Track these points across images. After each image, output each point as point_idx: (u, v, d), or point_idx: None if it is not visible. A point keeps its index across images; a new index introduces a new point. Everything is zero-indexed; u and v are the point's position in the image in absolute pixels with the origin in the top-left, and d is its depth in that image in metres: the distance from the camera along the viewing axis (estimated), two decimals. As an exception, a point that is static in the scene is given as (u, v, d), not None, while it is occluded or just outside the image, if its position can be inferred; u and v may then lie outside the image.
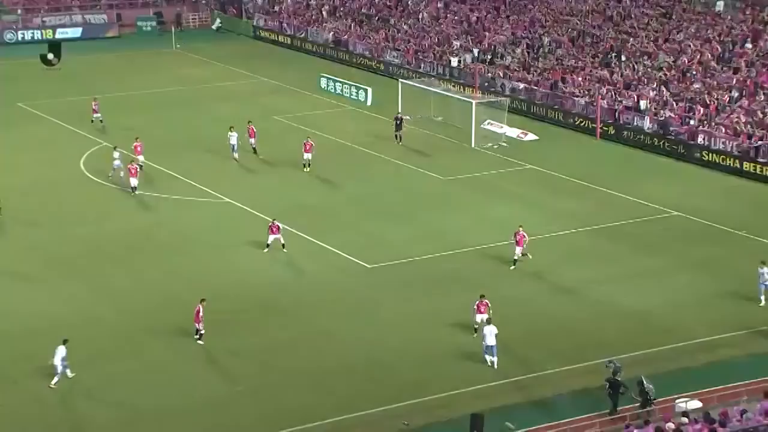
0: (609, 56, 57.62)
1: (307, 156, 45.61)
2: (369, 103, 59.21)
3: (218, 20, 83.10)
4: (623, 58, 56.99)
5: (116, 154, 45.09)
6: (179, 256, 36.93)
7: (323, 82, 62.40)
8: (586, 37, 60.78)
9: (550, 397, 27.75)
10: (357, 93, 60.10)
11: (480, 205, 42.55)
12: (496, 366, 28.97)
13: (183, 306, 31.77)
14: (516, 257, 35.40)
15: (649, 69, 54.99)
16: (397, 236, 38.81)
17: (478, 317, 30.72)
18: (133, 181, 42.68)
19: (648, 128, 51.36)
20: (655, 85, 53.39)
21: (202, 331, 30.29)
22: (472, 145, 50.88)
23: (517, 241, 35.42)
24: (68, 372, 28.25)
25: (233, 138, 47.33)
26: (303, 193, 43.10)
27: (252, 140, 48.28)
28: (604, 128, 52.79)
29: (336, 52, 71.39)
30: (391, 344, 30.65)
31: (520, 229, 35.66)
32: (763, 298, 32.41)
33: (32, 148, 50.26)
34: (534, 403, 27.28)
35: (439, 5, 71.53)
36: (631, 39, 58.31)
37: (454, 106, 54.07)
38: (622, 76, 55.31)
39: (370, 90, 59.56)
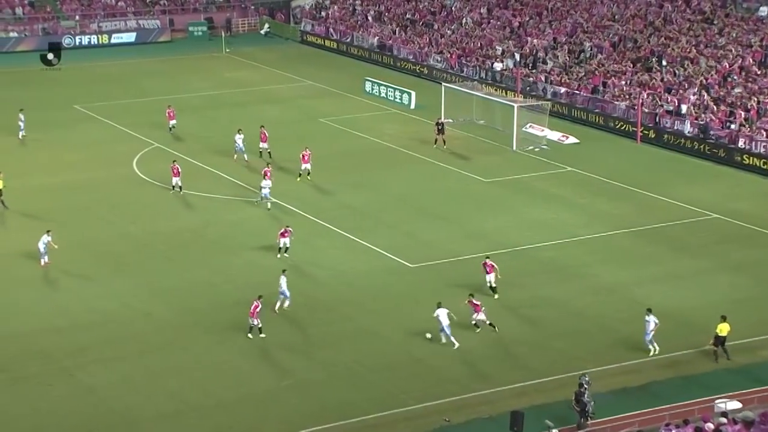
0: (650, 61, 57.10)
1: (306, 166, 44.25)
2: (412, 106, 59.18)
3: (267, 25, 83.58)
4: (664, 62, 56.44)
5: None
6: (227, 254, 37.18)
7: (368, 86, 62.50)
8: (628, 42, 60.30)
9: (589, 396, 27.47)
10: (401, 96, 60.10)
11: (521, 206, 42.37)
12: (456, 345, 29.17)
13: (231, 303, 32.02)
14: (491, 284, 33.31)
15: (690, 73, 54.36)
16: (439, 237, 38.75)
17: (481, 315, 30.58)
18: (175, 180, 42.93)
19: (689, 132, 50.81)
20: (696, 90, 52.79)
21: (260, 325, 30.28)
22: (514, 148, 50.66)
23: (487, 271, 33.41)
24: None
25: (239, 140, 47.05)
26: (347, 193, 43.18)
27: (263, 144, 47.62)
28: (645, 132, 52.31)
29: (381, 57, 71.44)
30: (432, 342, 30.54)
31: (488, 259, 33.75)
32: (651, 347, 29.53)
33: (87, 148, 50.90)
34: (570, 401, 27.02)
35: (481, 11, 71.33)
36: (673, 44, 57.74)
37: (496, 109, 53.88)
38: (663, 80, 54.78)
39: (413, 93, 59.53)
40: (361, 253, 37.06)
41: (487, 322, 30.83)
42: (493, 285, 33.35)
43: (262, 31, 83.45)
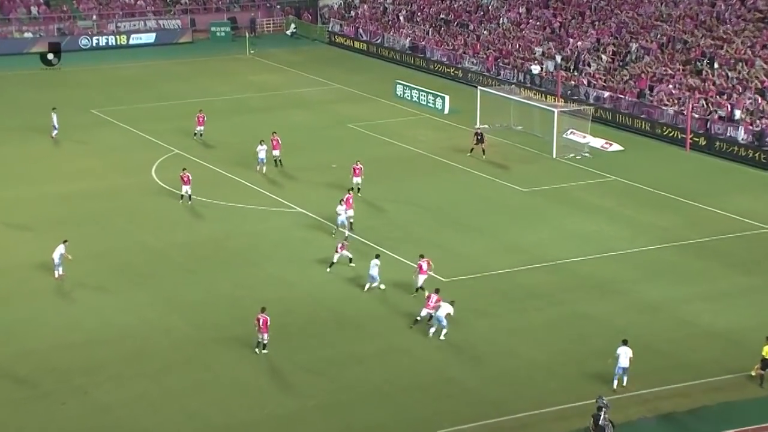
0: (701, 63, 56.87)
1: (357, 180, 43.78)
2: (446, 111, 59.34)
3: (293, 26, 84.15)
4: (716, 65, 56.19)
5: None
6: (250, 267, 37.46)
7: (399, 90, 62.73)
8: (677, 44, 60.09)
9: (635, 420, 27.45)
10: (434, 101, 60.27)
11: (561, 217, 42.32)
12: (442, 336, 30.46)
13: (254, 318, 32.23)
14: (419, 286, 34.27)
15: (744, 76, 54.07)
16: (475, 249, 38.81)
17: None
18: (186, 189, 43.26)
19: (742, 139, 50.57)
20: (750, 94, 52.51)
21: (265, 341, 30.47)
22: (554, 156, 50.63)
23: (420, 269, 34.27)
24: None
25: (262, 151, 47.13)
26: (377, 203, 43.33)
27: (276, 152, 47.70)
28: (695, 139, 52.10)
29: (413, 59, 71.70)
30: (465, 362, 30.63)
31: (423, 257, 34.51)
32: (616, 381, 28.99)
33: (104, 154, 51.51)
34: (618, 426, 26.97)
35: (520, 10, 71.38)
36: (726, 45, 57.46)
37: (535, 115, 53.89)
38: (714, 84, 54.53)
39: (447, 98, 59.69)
40: (391, 266, 37.16)
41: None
42: (421, 286, 34.12)
43: (288, 32, 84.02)
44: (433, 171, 48.50)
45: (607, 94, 57.65)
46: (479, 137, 49.94)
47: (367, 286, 35.04)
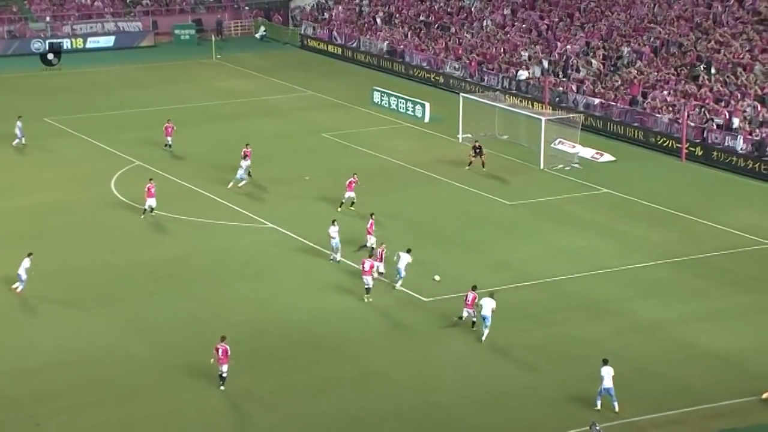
0: (697, 68, 57.28)
1: (350, 194, 44.06)
2: (427, 119, 59.52)
3: (262, 28, 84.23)
4: (713, 70, 56.61)
5: (245, 163, 46.61)
6: (217, 286, 37.39)
7: (376, 96, 62.89)
8: (671, 47, 60.53)
9: (628, 449, 27.58)
10: (413, 108, 60.46)
11: (549, 233, 42.50)
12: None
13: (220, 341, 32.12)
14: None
15: (743, 82, 54.47)
16: (457, 267, 38.90)
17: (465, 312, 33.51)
18: (151, 201, 43.22)
19: (741, 149, 50.93)
20: (750, 101, 52.93)
21: (224, 374, 30.07)
22: (541, 167, 50.88)
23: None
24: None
25: (244, 165, 47.02)
26: (353, 218, 43.37)
27: (245, 162, 47.27)
28: (691, 149, 52.47)
29: (391, 64, 71.90)
30: (450, 386, 30.69)
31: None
32: (599, 402, 29.24)
33: (60, 166, 51.32)
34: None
35: (505, 12, 71.74)
36: (723, 49, 57.89)
37: (521, 123, 54.15)
38: (711, 90, 54.93)
39: (428, 105, 59.88)
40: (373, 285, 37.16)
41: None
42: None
43: (258, 35, 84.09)
44: (414, 183, 48.61)
45: (597, 101, 57.98)
46: (477, 150, 49.89)
47: (399, 283, 36.30)
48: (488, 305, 33.03)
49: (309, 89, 66.98)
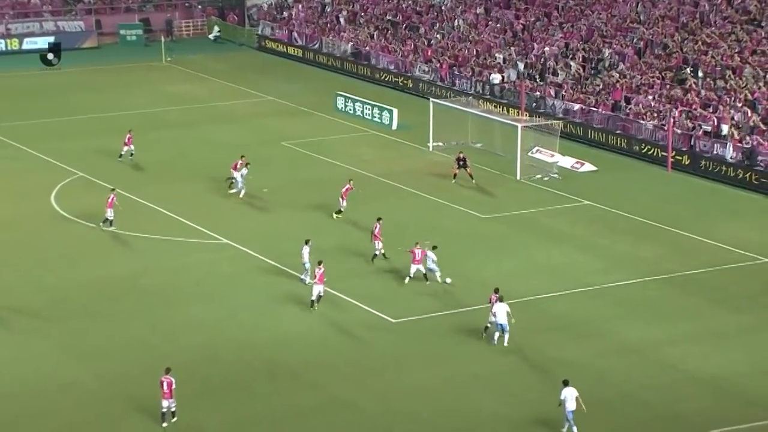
0: (683, 71, 57.69)
1: (344, 204, 45.06)
2: (394, 126, 59.59)
3: (216, 28, 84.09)
4: (701, 73, 57.02)
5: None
6: (167, 308, 37.15)
7: (340, 102, 62.89)
8: (656, 49, 60.93)
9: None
10: (380, 115, 60.50)
11: (527, 248, 42.59)
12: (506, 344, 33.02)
13: (172, 369, 31.86)
14: (377, 251, 40.02)
15: (732, 86, 54.86)
16: (426, 286, 38.85)
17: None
18: (109, 213, 43.06)
19: (731, 158, 51.30)
20: (740, 106, 53.34)
21: (173, 408, 29.72)
22: (518, 177, 51.04)
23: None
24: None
25: (242, 174, 47.59)
26: (316, 233, 43.25)
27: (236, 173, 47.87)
28: (677, 157, 52.81)
29: (355, 67, 71.96)
30: (420, 415, 30.58)
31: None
32: (565, 428, 29.60)
33: (-6, 179, 50.93)
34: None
35: (478, 11, 72.06)
36: (711, 50, 58.33)
37: (496, 130, 54.33)
38: (699, 95, 55.33)
39: (395, 111, 59.96)
40: (333, 305, 37.08)
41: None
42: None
43: (211, 36, 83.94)
44: (380, 195, 48.59)
45: (577, 106, 58.26)
46: (461, 162, 49.86)
47: (440, 279, 37.94)
48: (502, 311, 33.83)
49: (267, 94, 66.88)
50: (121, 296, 38.02)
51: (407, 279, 38.62)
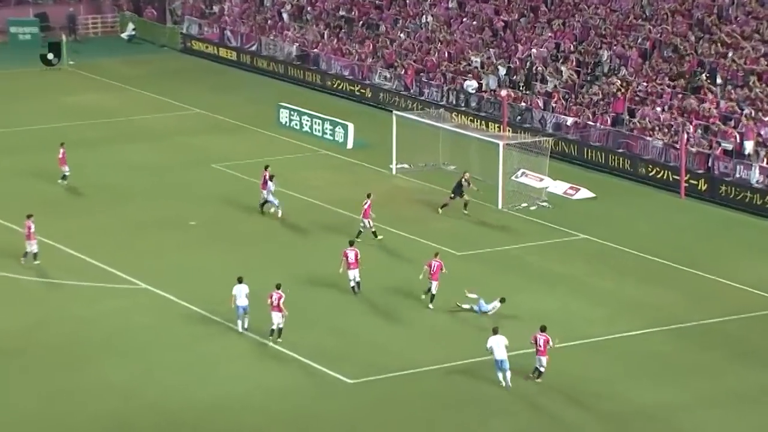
0: (698, 78, 58.07)
1: (366, 222, 46.88)
2: (350, 145, 59.76)
3: (131, 26, 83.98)
4: (719, 79, 57.42)
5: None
6: (71, 369, 36.91)
7: (284, 115, 63.02)
8: (665, 51, 61.23)
9: None
10: (332, 131, 60.66)
11: (511, 292, 42.65)
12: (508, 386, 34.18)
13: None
14: (431, 291, 40.99)
15: (758, 95, 55.09)
16: (391, 338, 38.96)
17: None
18: (31, 246, 43.55)
19: (757, 182, 51.67)
20: (767, 119, 53.73)
21: None
22: (499, 206, 51.30)
23: (432, 273, 40.92)
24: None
25: (271, 187, 49.11)
26: (254, 274, 43.30)
27: (264, 191, 49.41)
28: (692, 182, 53.21)
29: (302, 73, 72.14)
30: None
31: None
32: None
33: None
34: None
35: (450, 5, 72.35)
36: (731, 52, 58.69)
37: (473, 149, 54.50)
38: (718, 106, 55.71)
39: (351, 127, 60.13)
40: (276, 363, 37.10)
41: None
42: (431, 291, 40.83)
43: (125, 35, 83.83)
44: (333, 228, 48.65)
45: (570, 120, 58.60)
46: (461, 186, 50.04)
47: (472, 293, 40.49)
48: (500, 345, 35.02)
49: (194, 106, 66.83)
50: (13, 354, 37.81)
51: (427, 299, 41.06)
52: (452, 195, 50.30)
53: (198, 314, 40.59)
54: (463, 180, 50.29)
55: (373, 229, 46.47)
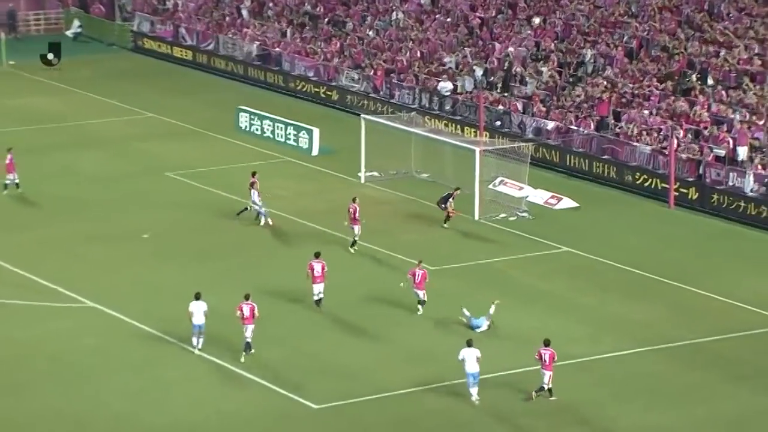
0: (688, 79, 58.28)
1: (356, 228, 47.44)
2: (315, 151, 59.73)
3: (77, 23, 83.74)
4: (710, 80, 57.66)
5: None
6: (11, 396, 36.72)
7: (243, 120, 62.95)
8: (653, 50, 61.51)
9: None
10: (296, 137, 60.65)
11: (488, 309, 42.75)
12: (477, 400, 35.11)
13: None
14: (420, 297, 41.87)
15: (752, 97, 55.36)
16: (360, 360, 38.90)
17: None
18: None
19: (752, 190, 51.84)
20: (762, 123, 53.96)
21: None
22: (476, 217, 51.36)
23: (417, 283, 41.76)
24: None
25: (254, 195, 49.34)
26: (211, 291, 43.17)
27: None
28: (682, 190, 53.38)
29: (263, 74, 72.11)
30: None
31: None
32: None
33: None
34: None
35: (422, 0, 72.46)
36: (724, 51, 58.96)
37: (447, 156, 54.59)
38: (709, 109, 55.92)
39: (316, 132, 60.12)
40: (236, 387, 36.98)
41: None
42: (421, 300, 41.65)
43: (70, 33, 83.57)
44: (297, 241, 48.60)
45: (551, 124, 58.72)
46: (448, 199, 50.17)
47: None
48: (471, 358, 35.63)
49: (146, 110, 66.70)
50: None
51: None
52: (442, 205, 50.30)
53: (151, 334, 40.41)
54: (453, 197, 50.25)
55: (357, 238, 47.26)
